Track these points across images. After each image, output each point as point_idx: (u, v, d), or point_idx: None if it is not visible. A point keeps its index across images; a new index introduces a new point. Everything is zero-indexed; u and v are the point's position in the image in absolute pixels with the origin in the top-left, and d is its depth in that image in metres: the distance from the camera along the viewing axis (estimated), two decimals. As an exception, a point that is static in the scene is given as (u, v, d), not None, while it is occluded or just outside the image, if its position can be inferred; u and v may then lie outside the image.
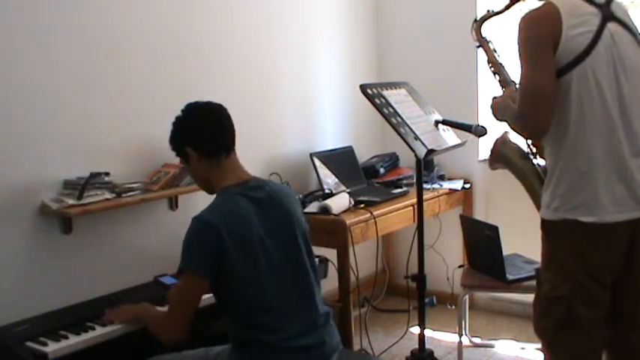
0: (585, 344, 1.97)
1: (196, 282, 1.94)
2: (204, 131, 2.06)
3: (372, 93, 2.64)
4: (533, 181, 2.40)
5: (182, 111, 2.10)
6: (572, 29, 1.87)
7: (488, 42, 2.56)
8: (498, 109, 2.20)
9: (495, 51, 2.55)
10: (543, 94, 1.88)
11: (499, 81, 2.47)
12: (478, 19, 2.55)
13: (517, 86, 2.30)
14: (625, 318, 2.01)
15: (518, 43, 1.94)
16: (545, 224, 2.01)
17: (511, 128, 2.20)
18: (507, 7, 2.38)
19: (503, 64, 2.50)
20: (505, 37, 2.75)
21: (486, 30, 2.59)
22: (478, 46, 2.57)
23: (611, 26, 1.91)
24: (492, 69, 2.50)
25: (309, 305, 2.05)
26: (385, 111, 2.61)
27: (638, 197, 1.90)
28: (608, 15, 1.92)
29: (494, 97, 2.27)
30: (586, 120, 1.89)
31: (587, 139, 1.89)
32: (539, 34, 1.90)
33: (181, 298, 1.99)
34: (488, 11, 2.50)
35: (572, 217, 1.91)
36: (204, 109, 2.10)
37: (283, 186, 2.17)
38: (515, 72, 2.39)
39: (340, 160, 3.66)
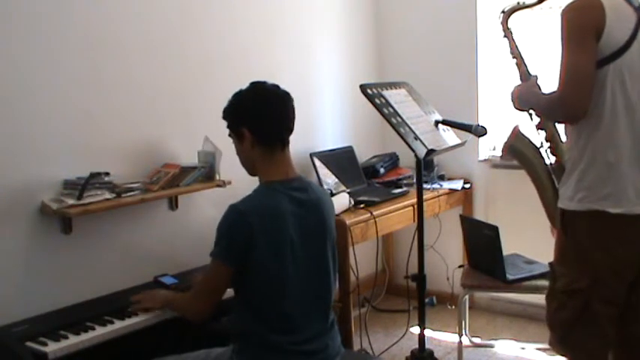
0: (598, 340, 1.98)
1: (221, 269, 1.96)
2: (268, 117, 1.99)
3: (372, 93, 2.64)
4: (542, 176, 2.40)
5: (248, 88, 2.03)
6: (614, 23, 1.90)
7: (512, 34, 2.51)
8: (520, 97, 2.20)
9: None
10: (586, 77, 1.89)
11: (520, 73, 2.44)
12: (507, 9, 2.49)
13: (538, 80, 2.28)
14: (638, 318, 2.01)
15: (562, 28, 1.94)
16: (566, 215, 2.01)
17: (538, 115, 2.20)
18: (540, 1, 2.33)
19: (524, 57, 2.47)
20: (526, 34, 2.71)
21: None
22: (503, 37, 2.52)
23: None
24: (515, 60, 2.47)
25: (323, 314, 2.05)
26: (385, 111, 2.60)
27: None
28: None
29: (517, 86, 2.26)
30: (618, 113, 1.92)
31: (617, 131, 1.92)
32: (584, 21, 1.92)
33: (207, 283, 2.03)
34: (518, 3, 2.45)
35: (599, 208, 1.92)
36: (274, 93, 2.03)
37: (324, 192, 2.13)
38: (534, 67, 2.41)
39: (340, 160, 3.66)
